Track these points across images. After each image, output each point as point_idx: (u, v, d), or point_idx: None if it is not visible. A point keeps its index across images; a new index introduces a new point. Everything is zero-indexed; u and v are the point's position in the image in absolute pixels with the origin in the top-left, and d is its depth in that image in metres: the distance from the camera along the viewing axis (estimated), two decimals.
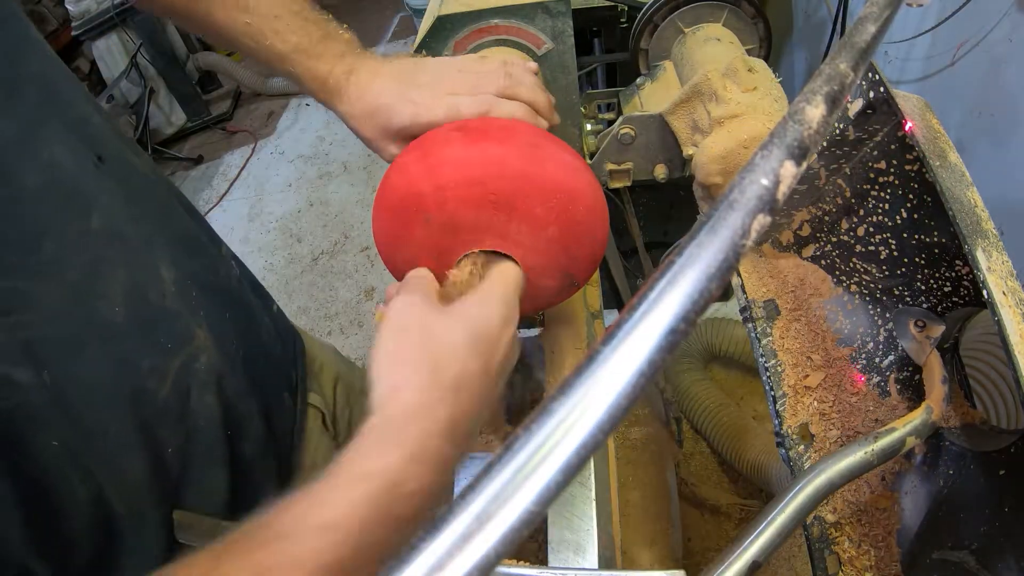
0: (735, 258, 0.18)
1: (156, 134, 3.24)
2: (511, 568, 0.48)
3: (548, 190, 0.50)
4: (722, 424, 1.25)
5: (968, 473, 0.51)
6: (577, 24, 0.74)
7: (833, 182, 0.62)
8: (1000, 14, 0.94)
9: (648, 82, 0.90)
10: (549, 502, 0.17)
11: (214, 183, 3.14)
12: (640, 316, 0.18)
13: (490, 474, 0.17)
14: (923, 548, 0.52)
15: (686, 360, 1.39)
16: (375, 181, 2.50)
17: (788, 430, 0.58)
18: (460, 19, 0.70)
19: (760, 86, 0.67)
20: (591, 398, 0.17)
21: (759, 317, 0.64)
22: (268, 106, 3.49)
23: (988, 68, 1.00)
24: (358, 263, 2.53)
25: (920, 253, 0.55)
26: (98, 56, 3.12)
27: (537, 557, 0.61)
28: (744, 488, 1.29)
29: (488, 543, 0.16)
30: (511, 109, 0.55)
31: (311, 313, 2.40)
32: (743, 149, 0.64)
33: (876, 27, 0.27)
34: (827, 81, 0.23)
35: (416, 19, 2.83)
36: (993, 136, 1.02)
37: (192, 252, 0.58)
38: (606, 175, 0.83)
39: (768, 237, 0.69)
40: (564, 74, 0.73)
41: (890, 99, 0.51)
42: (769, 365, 0.61)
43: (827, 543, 0.54)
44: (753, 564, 0.43)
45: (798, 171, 0.20)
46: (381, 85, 0.56)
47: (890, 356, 0.58)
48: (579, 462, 0.17)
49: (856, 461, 0.48)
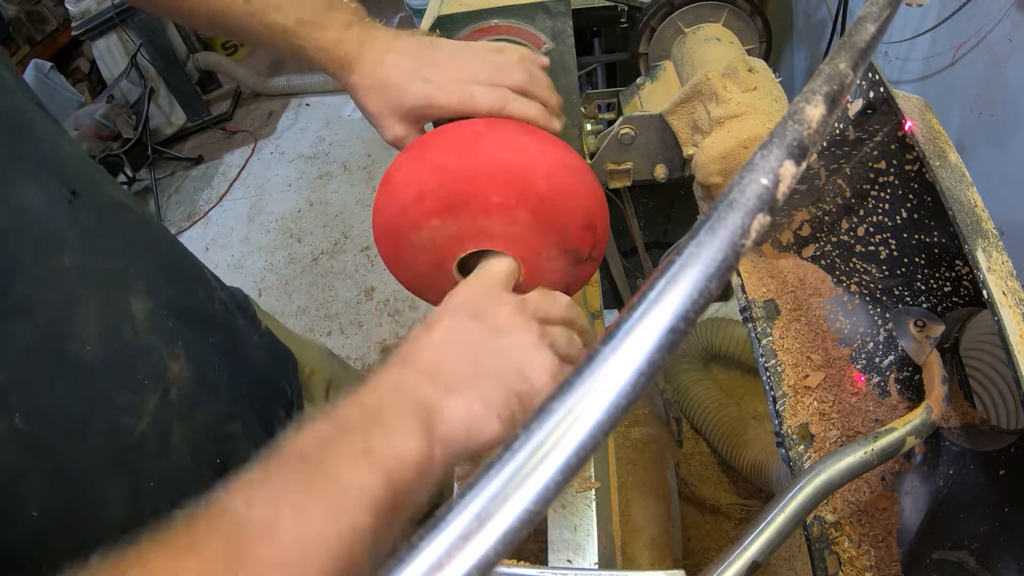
0: (735, 258, 0.18)
1: (156, 134, 3.24)
2: (511, 568, 0.48)
3: (492, 176, 0.49)
4: (722, 424, 1.25)
5: (968, 473, 0.51)
6: (577, 24, 0.74)
7: (833, 182, 0.62)
8: (1000, 14, 0.94)
9: (648, 82, 0.90)
10: (549, 502, 0.17)
11: (214, 183, 3.14)
12: (640, 315, 0.18)
13: (490, 474, 0.17)
14: (923, 548, 0.52)
15: (686, 360, 1.39)
16: (375, 181, 2.50)
17: (788, 430, 0.58)
18: (460, 19, 0.70)
19: (760, 86, 0.67)
20: (590, 398, 0.17)
21: (759, 317, 0.64)
22: (268, 106, 3.49)
23: (988, 68, 1.00)
24: (358, 263, 2.53)
25: (920, 253, 0.55)
26: (98, 56, 3.12)
27: (537, 557, 0.61)
28: (744, 488, 1.29)
29: (488, 543, 0.16)
30: (526, 108, 0.53)
31: (311, 313, 2.40)
32: (743, 149, 0.64)
33: (876, 27, 0.27)
34: (827, 81, 0.23)
35: (416, 19, 2.83)
36: (993, 136, 1.02)
37: (169, 279, 0.56)
38: (606, 175, 0.83)
39: (768, 237, 0.69)
40: (564, 74, 0.73)
41: (890, 99, 0.51)
42: (769, 365, 0.61)
43: (827, 543, 0.54)
44: (753, 564, 0.43)
45: (798, 171, 0.20)
46: (394, 60, 0.53)
47: (890, 356, 0.58)
48: (579, 462, 0.17)
49: (856, 461, 0.48)
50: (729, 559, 0.43)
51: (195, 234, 2.90)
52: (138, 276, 0.51)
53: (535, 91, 0.55)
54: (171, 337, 0.52)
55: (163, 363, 0.51)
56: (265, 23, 0.54)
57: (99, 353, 0.46)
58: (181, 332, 0.54)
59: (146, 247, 0.55)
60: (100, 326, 0.46)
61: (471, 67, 0.53)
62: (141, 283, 0.51)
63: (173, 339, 0.52)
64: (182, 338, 0.53)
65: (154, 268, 0.54)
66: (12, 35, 3.21)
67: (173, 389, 0.51)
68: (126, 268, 0.51)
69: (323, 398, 0.79)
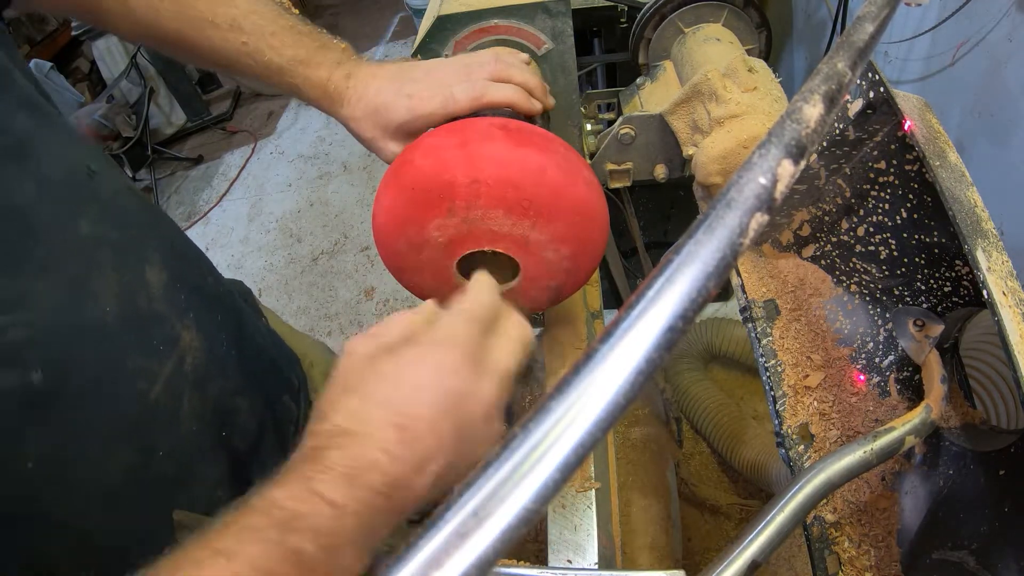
0: (733, 256, 0.18)
1: (156, 134, 3.24)
2: (511, 568, 0.48)
3: (576, 207, 0.50)
4: (722, 424, 1.25)
5: (968, 473, 0.51)
6: (577, 24, 0.74)
7: (833, 182, 0.62)
8: (1000, 14, 0.94)
9: (648, 82, 0.90)
10: (547, 500, 0.17)
11: (214, 183, 3.14)
12: (638, 314, 0.18)
13: (488, 472, 0.17)
14: (923, 548, 0.52)
15: (686, 360, 1.39)
16: (375, 181, 2.50)
17: (788, 430, 0.58)
18: (460, 19, 0.70)
19: (760, 86, 0.67)
20: (589, 396, 0.17)
21: (759, 317, 0.64)
22: (268, 106, 3.49)
23: (988, 68, 1.00)
24: (358, 263, 2.53)
25: (920, 253, 0.55)
26: (98, 56, 3.12)
27: (537, 557, 0.61)
28: (744, 488, 1.29)
29: (486, 541, 0.16)
30: (505, 91, 0.56)
31: (311, 313, 2.41)
32: (743, 149, 0.64)
33: (874, 26, 0.27)
34: (825, 80, 0.23)
35: (416, 19, 2.83)
36: (993, 136, 1.02)
37: (180, 257, 0.59)
38: (606, 175, 0.83)
39: (768, 237, 0.69)
40: (564, 74, 0.73)
41: (890, 99, 0.51)
42: (769, 365, 0.61)
43: (827, 543, 0.54)
44: (752, 564, 0.43)
45: (796, 170, 0.20)
46: (378, 85, 0.57)
47: (890, 356, 0.58)
48: (577, 460, 0.17)
49: (855, 460, 0.48)
50: (729, 558, 0.43)
51: (195, 234, 2.90)
52: (152, 249, 0.54)
53: (511, 75, 0.57)
54: (184, 308, 0.55)
55: (176, 332, 0.53)
56: (261, 62, 0.57)
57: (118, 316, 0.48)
58: (192, 305, 0.56)
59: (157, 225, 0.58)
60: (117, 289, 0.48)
61: (446, 73, 0.57)
62: (155, 255, 0.54)
63: (185, 311, 0.55)
64: (192, 311, 0.56)
65: (165, 244, 0.57)
66: (12, 35, 3.21)
67: (188, 358, 0.53)
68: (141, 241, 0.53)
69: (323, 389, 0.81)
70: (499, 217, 0.50)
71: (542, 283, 0.55)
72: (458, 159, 0.49)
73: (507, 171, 0.48)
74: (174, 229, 0.63)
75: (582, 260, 0.55)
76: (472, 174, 0.48)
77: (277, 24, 0.58)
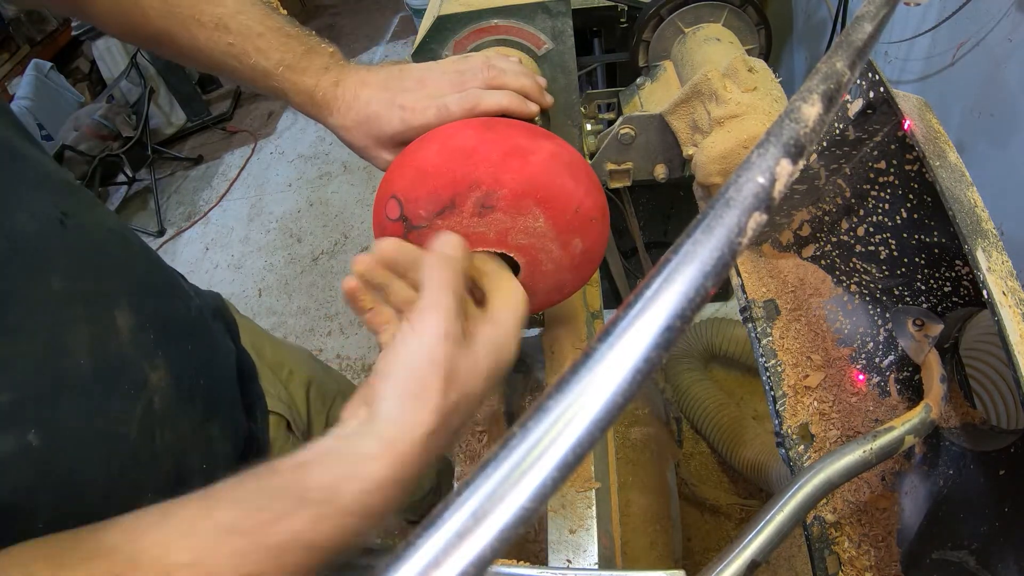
0: (731, 256, 0.18)
1: (156, 134, 3.25)
2: (511, 568, 0.48)
3: (575, 207, 0.51)
4: (722, 424, 1.25)
5: (968, 473, 0.51)
6: (577, 24, 0.74)
7: (833, 182, 0.62)
8: (1000, 14, 0.94)
9: (648, 82, 0.90)
10: (545, 499, 0.17)
11: (214, 183, 3.14)
12: (636, 313, 0.18)
13: (486, 471, 0.17)
14: (923, 548, 0.52)
15: (686, 360, 1.39)
16: (375, 181, 2.50)
17: (788, 430, 0.58)
18: (460, 19, 0.70)
19: (760, 86, 0.67)
20: (587, 395, 0.17)
21: (759, 317, 0.64)
22: (268, 106, 3.50)
23: (988, 68, 1.00)
24: None
25: (920, 253, 0.55)
26: (98, 56, 3.13)
27: (537, 557, 0.61)
28: (744, 488, 1.29)
29: (484, 540, 0.16)
30: (499, 98, 0.55)
31: (311, 313, 2.41)
32: (743, 149, 0.64)
33: (873, 26, 0.27)
34: (824, 79, 0.23)
35: (416, 19, 2.83)
36: (993, 136, 1.02)
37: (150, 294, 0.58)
38: (606, 175, 0.83)
39: (768, 237, 0.69)
40: (564, 74, 0.73)
41: (890, 99, 0.51)
42: (769, 365, 0.61)
43: (827, 543, 0.54)
44: (752, 563, 0.43)
45: (794, 169, 0.20)
46: (369, 94, 0.56)
47: (890, 356, 0.58)
48: (576, 459, 0.17)
49: (855, 460, 0.48)
50: (729, 558, 0.43)
51: (195, 234, 2.90)
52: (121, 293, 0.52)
53: (505, 81, 0.56)
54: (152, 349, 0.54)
55: (144, 375, 0.52)
56: (247, 64, 0.56)
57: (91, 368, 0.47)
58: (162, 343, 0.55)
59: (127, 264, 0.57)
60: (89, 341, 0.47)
61: (439, 82, 0.56)
62: (124, 299, 0.52)
63: (153, 351, 0.54)
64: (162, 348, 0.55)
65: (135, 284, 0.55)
66: (12, 35, 3.21)
67: (156, 398, 0.52)
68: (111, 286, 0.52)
69: (303, 398, 0.81)
70: (498, 217, 0.50)
71: (542, 283, 0.55)
72: (457, 161, 0.49)
73: (482, 171, 0.49)
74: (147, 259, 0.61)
75: (582, 260, 0.55)
76: (471, 175, 0.49)
77: (264, 25, 0.56)
